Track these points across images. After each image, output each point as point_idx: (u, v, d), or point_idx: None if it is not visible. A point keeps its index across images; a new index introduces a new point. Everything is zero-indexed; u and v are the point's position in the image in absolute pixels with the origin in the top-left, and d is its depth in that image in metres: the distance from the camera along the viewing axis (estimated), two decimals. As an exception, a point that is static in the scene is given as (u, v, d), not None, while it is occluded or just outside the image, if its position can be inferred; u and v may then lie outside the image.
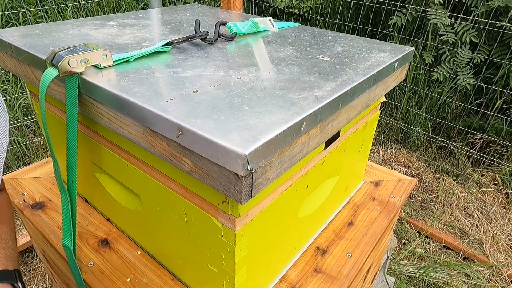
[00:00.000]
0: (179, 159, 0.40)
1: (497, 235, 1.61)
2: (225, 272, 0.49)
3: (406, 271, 1.45)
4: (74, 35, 0.63)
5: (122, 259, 0.65)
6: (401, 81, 0.89)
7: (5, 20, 2.14)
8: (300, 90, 0.46)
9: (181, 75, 0.49)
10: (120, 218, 0.69)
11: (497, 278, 1.45)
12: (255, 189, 0.38)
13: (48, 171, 0.88)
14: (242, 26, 0.69)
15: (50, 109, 0.66)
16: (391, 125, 2.19)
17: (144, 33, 0.66)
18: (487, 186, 1.84)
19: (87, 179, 0.70)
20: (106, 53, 0.49)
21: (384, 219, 0.76)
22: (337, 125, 0.50)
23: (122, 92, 0.43)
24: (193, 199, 0.47)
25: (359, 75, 0.52)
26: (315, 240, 0.70)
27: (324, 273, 0.64)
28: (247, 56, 0.58)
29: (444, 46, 1.91)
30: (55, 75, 0.45)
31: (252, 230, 0.47)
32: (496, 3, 1.68)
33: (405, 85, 2.13)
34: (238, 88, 0.46)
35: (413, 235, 1.64)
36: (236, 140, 0.35)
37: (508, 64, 1.77)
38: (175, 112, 0.39)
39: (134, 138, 0.45)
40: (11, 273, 0.46)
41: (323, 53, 0.61)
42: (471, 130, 1.97)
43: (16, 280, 0.46)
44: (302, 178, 0.55)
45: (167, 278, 0.62)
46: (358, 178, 0.84)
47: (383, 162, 2.05)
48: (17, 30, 0.64)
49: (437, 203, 1.79)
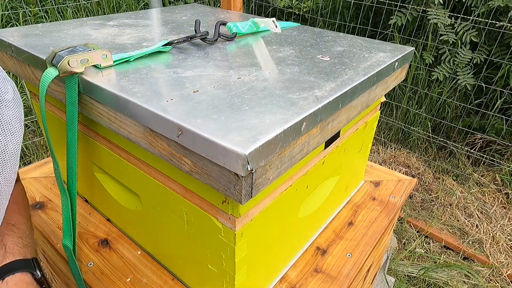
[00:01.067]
0: (179, 159, 0.40)
1: (497, 235, 1.61)
2: (225, 272, 0.49)
3: (406, 271, 1.45)
4: (74, 35, 0.63)
5: (122, 259, 0.65)
6: (401, 81, 0.89)
7: (5, 20, 2.14)
8: (300, 90, 0.46)
9: (181, 75, 0.49)
10: (120, 218, 0.69)
11: (497, 278, 1.45)
12: (255, 189, 0.38)
13: (48, 171, 0.88)
14: (242, 26, 0.69)
15: (50, 109, 0.66)
16: (391, 125, 2.19)
17: (144, 33, 0.66)
18: (487, 186, 1.84)
19: (87, 179, 0.70)
20: (106, 53, 0.49)
21: (384, 219, 0.76)
22: (337, 125, 0.50)
23: (122, 92, 0.43)
24: (193, 199, 0.47)
25: (359, 75, 0.52)
26: (315, 240, 0.70)
27: (324, 273, 0.64)
28: (247, 56, 0.58)
29: (444, 46, 1.91)
30: (55, 75, 0.45)
31: (252, 230, 0.47)
32: (496, 3, 1.68)
33: (405, 85, 2.13)
34: (238, 88, 0.46)
35: (413, 235, 1.63)
36: (236, 140, 0.35)
37: (508, 64, 1.77)
38: (175, 112, 0.39)
39: (134, 138, 0.45)
40: (29, 261, 0.47)
41: (323, 53, 0.61)
42: (471, 130, 1.97)
43: (35, 268, 0.47)
44: (302, 178, 0.55)
45: (167, 278, 0.62)
46: (358, 178, 0.84)
47: (383, 162, 2.05)
48: (17, 30, 0.64)
49: (437, 203, 1.79)
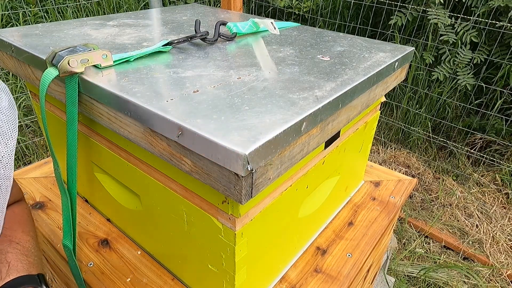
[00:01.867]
0: (179, 159, 0.40)
1: (497, 235, 1.61)
2: (225, 272, 0.49)
3: (406, 271, 1.45)
4: (74, 35, 0.63)
5: (122, 259, 0.65)
6: (401, 81, 0.89)
7: (5, 20, 2.14)
8: (300, 90, 0.46)
9: (181, 75, 0.49)
10: (120, 218, 0.68)
11: (497, 278, 1.45)
12: (255, 189, 0.38)
13: (48, 171, 0.88)
14: (242, 26, 0.69)
15: (50, 109, 0.66)
16: (391, 125, 2.19)
17: (144, 33, 0.66)
18: (487, 186, 1.84)
19: (87, 179, 0.70)
20: (106, 53, 0.49)
21: (384, 219, 0.76)
22: (337, 125, 0.50)
23: (122, 92, 0.43)
24: (193, 199, 0.47)
25: (359, 75, 0.52)
26: (315, 240, 0.70)
27: (324, 273, 0.64)
28: (247, 56, 0.58)
29: (444, 46, 1.91)
30: (55, 75, 0.45)
31: (252, 230, 0.47)
32: (496, 3, 1.68)
33: (405, 85, 2.12)
34: (238, 88, 0.46)
35: (413, 235, 1.63)
36: (236, 140, 0.35)
37: (508, 64, 1.77)
38: (175, 112, 0.39)
39: (134, 138, 0.45)
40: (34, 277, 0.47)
41: (323, 53, 0.61)
42: (471, 130, 1.97)
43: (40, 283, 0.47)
44: (302, 178, 0.55)
45: (167, 278, 0.62)
46: (358, 178, 0.84)
47: (383, 162, 2.05)
48: (17, 30, 0.64)
49: (437, 203, 1.79)
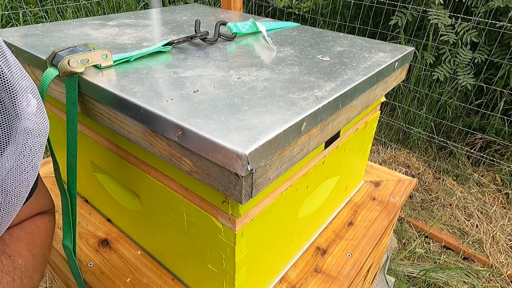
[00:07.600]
0: (179, 159, 0.40)
1: (497, 235, 1.61)
2: (225, 272, 0.49)
3: (406, 271, 1.45)
4: (74, 35, 0.63)
5: (122, 259, 0.65)
6: (401, 81, 0.89)
7: (5, 20, 2.14)
8: (300, 90, 0.46)
9: (181, 75, 0.49)
10: (120, 218, 0.68)
11: (497, 278, 1.45)
12: (255, 189, 0.38)
13: (48, 171, 0.88)
14: (242, 26, 0.69)
15: (50, 109, 0.66)
16: (391, 125, 2.19)
17: (144, 33, 0.66)
18: (487, 186, 1.84)
19: (87, 179, 0.70)
20: (106, 53, 0.49)
21: (384, 219, 0.76)
22: (337, 125, 0.50)
23: (122, 92, 0.43)
24: (193, 199, 0.47)
25: (359, 75, 0.52)
26: (315, 240, 0.70)
27: (324, 273, 0.63)
28: (247, 56, 0.58)
29: (444, 46, 1.91)
30: (55, 75, 0.45)
31: (252, 230, 0.47)
32: (496, 3, 1.68)
33: (405, 85, 2.12)
34: (238, 88, 0.46)
35: (413, 235, 1.63)
36: (236, 140, 0.35)
37: (508, 64, 1.77)
38: (175, 112, 0.39)
39: (134, 138, 0.45)
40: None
41: (323, 53, 0.61)
42: (471, 130, 1.97)
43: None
44: (302, 178, 0.55)
45: (167, 278, 0.62)
46: (358, 178, 0.84)
47: (383, 162, 2.05)
48: (17, 30, 0.64)
49: (437, 203, 1.79)
